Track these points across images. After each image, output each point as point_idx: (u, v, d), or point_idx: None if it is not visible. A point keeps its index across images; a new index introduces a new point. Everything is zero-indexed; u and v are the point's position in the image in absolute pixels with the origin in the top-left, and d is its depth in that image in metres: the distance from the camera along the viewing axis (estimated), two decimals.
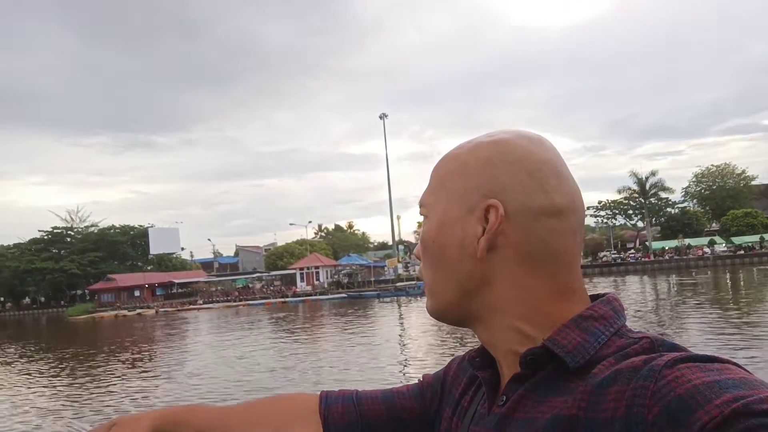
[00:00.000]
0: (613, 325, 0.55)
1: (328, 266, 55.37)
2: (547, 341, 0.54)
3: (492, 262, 0.57)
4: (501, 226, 0.56)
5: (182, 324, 34.47)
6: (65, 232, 68.96)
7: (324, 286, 51.80)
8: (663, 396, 0.43)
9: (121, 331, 33.48)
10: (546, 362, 0.54)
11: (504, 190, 0.57)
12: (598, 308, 0.56)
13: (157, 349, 22.36)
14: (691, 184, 65.51)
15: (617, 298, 0.59)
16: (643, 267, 51.26)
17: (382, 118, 63.13)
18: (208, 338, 24.65)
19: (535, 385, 0.55)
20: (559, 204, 0.57)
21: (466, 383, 0.71)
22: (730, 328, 15.34)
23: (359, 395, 0.80)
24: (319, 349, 18.23)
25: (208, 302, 50.68)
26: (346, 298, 44.80)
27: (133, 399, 12.66)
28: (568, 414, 0.50)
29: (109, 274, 60.02)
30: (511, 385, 0.57)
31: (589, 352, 0.53)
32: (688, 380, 0.43)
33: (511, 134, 0.61)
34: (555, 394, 0.53)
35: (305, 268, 54.05)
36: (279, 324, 28.77)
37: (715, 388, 0.42)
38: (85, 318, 48.29)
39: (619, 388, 0.47)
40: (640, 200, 61.17)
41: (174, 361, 18.12)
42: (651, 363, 0.47)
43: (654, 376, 0.45)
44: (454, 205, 0.60)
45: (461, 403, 0.70)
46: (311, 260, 55.22)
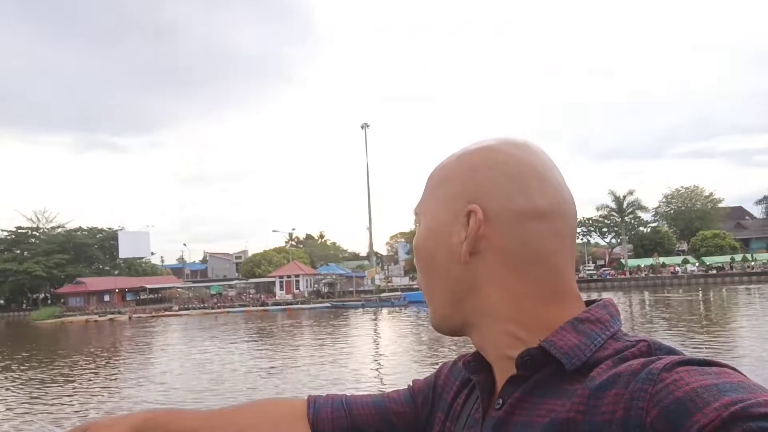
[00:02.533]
0: (609, 329, 0.56)
1: (308, 275, 54.70)
2: (544, 342, 0.54)
3: (478, 267, 0.58)
4: (482, 230, 0.57)
5: (159, 331, 33.29)
6: (30, 233, 65.99)
7: (304, 295, 51.06)
8: (661, 399, 0.43)
9: (94, 338, 32.21)
10: (542, 364, 0.54)
11: (485, 194, 0.58)
12: (594, 312, 0.56)
13: (137, 358, 21.38)
14: (660, 205, 67.78)
15: (613, 302, 0.59)
16: (620, 283, 52.38)
17: (363, 128, 63.06)
18: (189, 347, 23.68)
19: (531, 387, 0.55)
20: (542, 206, 0.57)
21: (459, 387, 0.71)
22: (712, 342, 16.18)
23: (349, 400, 0.79)
24: (312, 359, 17.85)
25: (184, 309, 49.20)
26: (330, 308, 44.23)
27: (116, 408, 12.05)
28: (566, 417, 0.50)
29: (78, 278, 57.58)
30: (508, 387, 0.57)
31: (585, 354, 0.53)
32: (686, 383, 0.43)
33: (496, 140, 0.62)
34: (552, 396, 0.53)
35: (285, 277, 53.22)
36: (264, 333, 28.20)
37: (714, 392, 0.42)
38: (53, 323, 46.15)
39: (617, 391, 0.47)
40: (615, 218, 62.82)
41: (158, 371, 17.31)
42: (649, 366, 0.47)
43: (652, 380, 0.45)
44: (441, 212, 0.61)
45: (453, 407, 0.70)
46: (291, 268, 54.45)
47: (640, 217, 63.52)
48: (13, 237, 64.83)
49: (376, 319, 33.30)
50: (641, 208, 60.61)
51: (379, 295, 47.32)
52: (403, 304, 40.22)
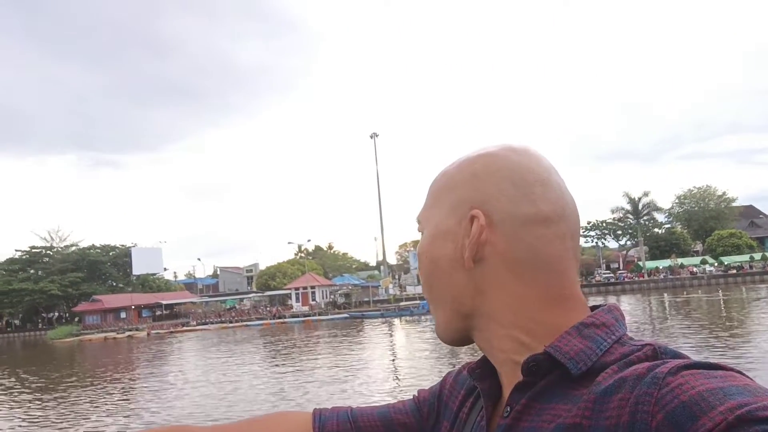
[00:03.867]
0: (614, 333, 0.56)
1: (324, 286, 54.53)
2: (549, 348, 0.54)
3: (483, 272, 0.58)
4: (486, 235, 0.57)
5: (179, 347, 33.14)
6: (44, 252, 66.22)
7: (321, 307, 50.85)
8: (667, 403, 0.43)
9: (116, 355, 31.98)
10: (548, 369, 0.54)
11: (488, 200, 0.58)
12: (600, 316, 0.56)
13: (164, 374, 21.17)
14: (674, 205, 67.35)
15: (618, 307, 0.59)
16: (639, 286, 51.92)
17: (372, 138, 63.23)
18: (212, 362, 23.44)
19: (538, 393, 0.55)
20: (546, 211, 0.57)
21: (464, 395, 0.70)
22: (737, 342, 15.62)
23: (354, 412, 0.78)
24: (340, 370, 17.61)
25: (201, 324, 49.07)
26: (348, 318, 44.02)
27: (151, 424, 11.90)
28: (572, 422, 0.50)
29: (94, 295, 57.61)
30: (515, 395, 0.57)
31: (591, 359, 0.53)
32: (692, 387, 0.43)
33: (497, 147, 0.62)
34: (558, 402, 0.53)
35: (301, 288, 53.06)
36: (286, 345, 27.90)
37: (719, 395, 0.42)
38: (71, 341, 46.06)
39: (623, 395, 0.47)
40: (630, 220, 62.43)
41: (187, 387, 16.99)
42: (655, 370, 0.47)
43: (658, 384, 0.45)
44: (444, 219, 0.61)
45: (459, 415, 0.69)
46: (307, 280, 54.27)
47: (655, 219, 63.16)
48: (27, 257, 65.14)
49: (396, 328, 33.04)
50: (657, 209, 60.34)
51: (397, 304, 47.08)
52: (422, 312, 39.95)
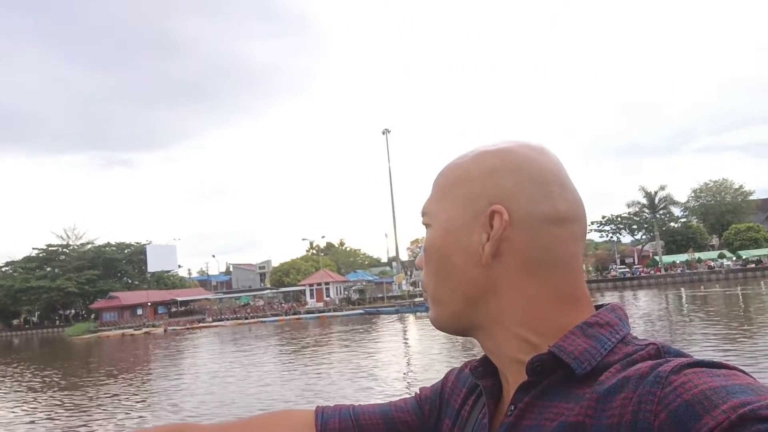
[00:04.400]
0: (618, 332, 0.55)
1: (338, 282, 54.59)
2: (554, 348, 0.54)
3: (497, 269, 0.57)
4: (505, 232, 0.56)
5: (196, 343, 33.28)
6: (61, 250, 66.88)
7: (335, 303, 50.94)
8: (670, 402, 0.43)
9: (134, 351, 32.22)
10: (552, 369, 0.54)
11: (508, 196, 0.57)
12: (603, 315, 0.56)
13: (189, 369, 21.25)
14: (689, 199, 66.63)
15: (621, 306, 0.59)
16: (656, 281, 51.44)
17: (384, 134, 63.06)
18: (231, 357, 23.46)
19: (541, 392, 0.55)
20: (563, 211, 0.57)
21: (466, 393, 0.70)
22: (755, 339, 15.36)
23: (356, 410, 0.79)
24: (364, 365, 17.53)
25: (217, 320, 49.35)
26: (363, 314, 44.04)
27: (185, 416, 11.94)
28: (574, 421, 0.50)
29: (111, 292, 58.12)
30: (519, 394, 0.57)
31: (596, 358, 0.53)
32: (694, 385, 0.43)
33: (514, 143, 0.61)
34: (561, 400, 0.53)
35: (315, 285, 53.17)
36: (302, 341, 27.94)
37: (722, 394, 0.42)
38: (88, 338, 46.50)
39: (625, 394, 0.47)
40: (645, 215, 61.83)
41: (207, 382, 17.01)
42: (657, 369, 0.47)
43: (661, 382, 0.45)
44: (458, 213, 0.60)
45: (461, 413, 0.69)
46: (321, 276, 54.36)
47: (671, 213, 62.51)
48: (44, 255, 65.83)
49: (411, 323, 33.03)
50: (673, 203, 59.69)
51: (412, 300, 47.05)
52: None
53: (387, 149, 63.10)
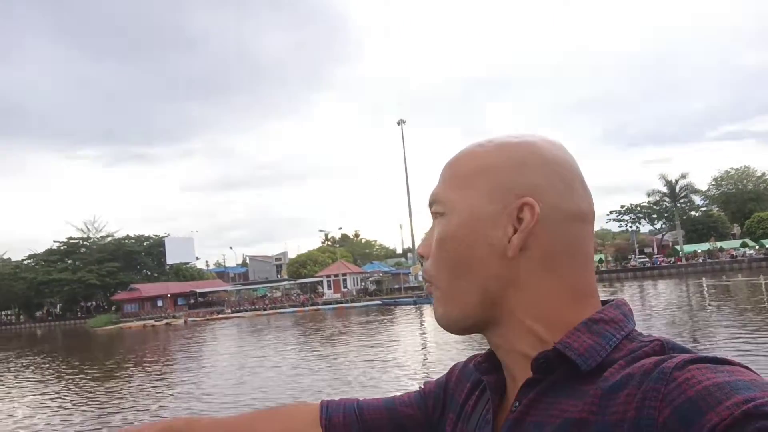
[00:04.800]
0: (623, 329, 0.55)
1: (355, 273, 54.73)
2: (558, 344, 0.54)
3: (519, 263, 0.57)
4: (534, 226, 0.56)
5: (218, 334, 33.61)
6: (81, 243, 67.85)
7: (353, 294, 51.14)
8: (674, 398, 0.43)
9: (157, 342, 32.67)
10: (557, 366, 0.54)
11: (537, 190, 0.57)
12: (608, 312, 0.56)
13: (215, 359, 21.49)
14: (710, 188, 65.64)
15: (626, 302, 0.59)
16: (677, 270, 50.75)
17: (399, 125, 62.79)
18: (252, 348, 23.66)
19: (546, 388, 0.55)
20: (584, 209, 0.58)
21: (470, 388, 0.70)
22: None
23: (360, 404, 0.79)
24: (381, 355, 17.57)
25: (236, 311, 49.84)
26: (381, 305, 44.15)
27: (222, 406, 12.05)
28: (578, 417, 0.50)
29: (132, 284, 58.93)
30: (524, 390, 0.57)
31: (601, 355, 0.53)
32: (698, 382, 0.43)
33: (537, 137, 0.61)
34: (566, 397, 0.53)
35: (332, 276, 53.39)
36: (322, 331, 28.06)
37: (726, 390, 0.42)
38: (111, 329, 47.24)
39: (629, 391, 0.47)
40: (665, 203, 61.05)
41: (234, 373, 17.13)
42: (661, 365, 0.47)
43: (665, 379, 0.45)
44: (483, 203, 0.58)
45: (465, 408, 0.69)
46: (338, 267, 54.55)
47: (692, 201, 61.66)
48: (65, 248, 66.83)
49: (428, 314, 32.96)
50: (695, 191, 58.82)
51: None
52: None
53: (402, 140, 62.79)
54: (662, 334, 0.52)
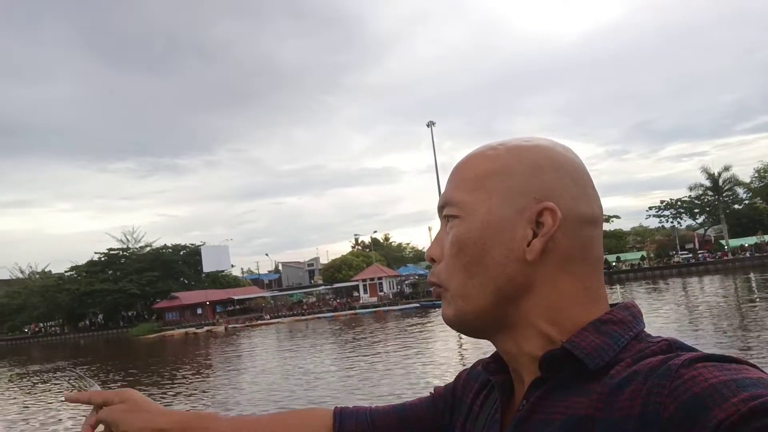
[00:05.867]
0: (632, 329, 0.56)
1: (390, 277, 54.58)
2: (566, 343, 0.54)
3: (536, 267, 0.57)
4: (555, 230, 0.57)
5: (260, 339, 33.81)
6: (121, 253, 69.38)
7: (389, 297, 50.97)
8: (679, 395, 0.43)
9: (201, 348, 33.03)
10: (565, 365, 0.54)
11: (554, 194, 0.57)
12: (617, 313, 0.57)
13: (262, 364, 21.56)
14: (753, 180, 63.38)
15: (635, 304, 0.59)
16: (724, 266, 48.92)
17: (429, 126, 62.48)
18: (294, 352, 23.78)
19: (553, 387, 0.55)
20: (597, 213, 0.59)
21: (478, 389, 0.71)
22: None
23: (372, 412, 0.81)
24: (426, 356, 17.37)
25: (275, 317, 50.19)
26: (419, 308, 43.91)
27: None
28: (584, 414, 0.50)
29: (172, 293, 59.93)
30: (532, 389, 0.57)
31: (609, 354, 0.53)
32: (705, 379, 0.43)
33: (549, 141, 0.62)
34: (573, 395, 0.53)
35: (368, 279, 53.33)
36: (362, 335, 27.94)
37: (732, 387, 0.41)
38: (154, 337, 48.06)
39: (635, 387, 0.47)
40: (708, 198, 59.13)
41: (296, 377, 17.15)
42: (668, 362, 0.47)
43: (671, 375, 0.45)
44: (499, 206, 0.58)
45: (473, 408, 0.70)
46: (374, 271, 54.48)
47: (736, 194, 59.54)
48: (106, 259, 68.40)
49: None
50: (738, 183, 56.82)
51: None
52: None
53: (432, 141, 62.41)
54: (713, 330, 0.51)
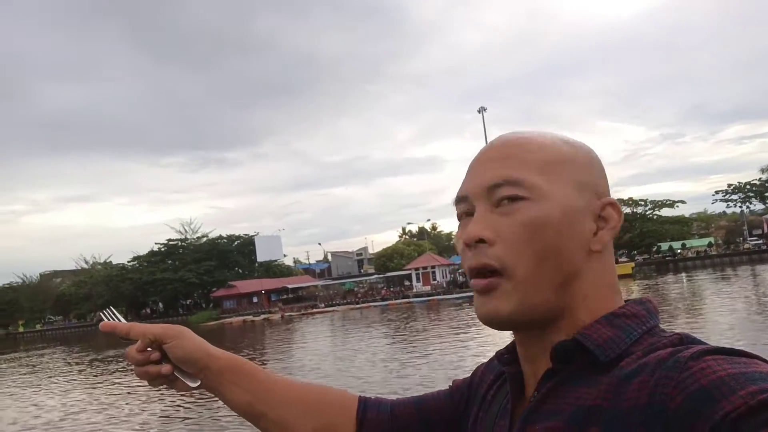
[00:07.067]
0: (645, 324, 0.56)
1: (444, 266, 54.12)
2: (578, 335, 0.55)
3: (591, 258, 0.59)
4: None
5: (319, 326, 34.23)
6: (179, 244, 71.67)
7: (443, 286, 50.60)
8: (687, 386, 0.43)
9: (261, 335, 33.64)
10: (576, 356, 0.55)
11: (603, 190, 0.62)
12: (630, 307, 0.58)
13: (331, 349, 21.71)
14: None
15: (651, 299, 0.60)
16: None
17: (480, 112, 61.37)
18: (355, 337, 23.85)
19: (564, 378, 0.56)
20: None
21: (492, 380, 0.73)
22: None
23: (393, 403, 0.83)
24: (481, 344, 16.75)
25: (329, 305, 50.72)
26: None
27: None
28: (592, 404, 0.51)
29: (229, 282, 61.50)
30: (543, 380, 0.58)
31: (620, 347, 0.54)
32: (713, 371, 0.43)
33: (578, 140, 0.65)
34: (583, 386, 0.54)
35: (421, 268, 53.07)
36: (420, 322, 27.72)
37: (741, 380, 0.41)
38: (213, 324, 49.40)
39: (643, 378, 0.48)
40: None
41: (373, 362, 17.18)
42: (677, 355, 0.47)
43: (679, 367, 0.45)
44: (574, 195, 0.59)
45: (486, 398, 0.72)
46: (427, 260, 54.16)
47: None
48: (165, 249, 70.83)
49: None
50: None
51: None
52: None
53: (484, 128, 61.26)
54: None
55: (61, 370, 25.45)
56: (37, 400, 17.07)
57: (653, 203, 59.35)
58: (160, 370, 0.76)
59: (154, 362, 0.77)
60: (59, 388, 19.24)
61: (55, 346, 44.51)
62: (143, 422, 12.28)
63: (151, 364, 0.76)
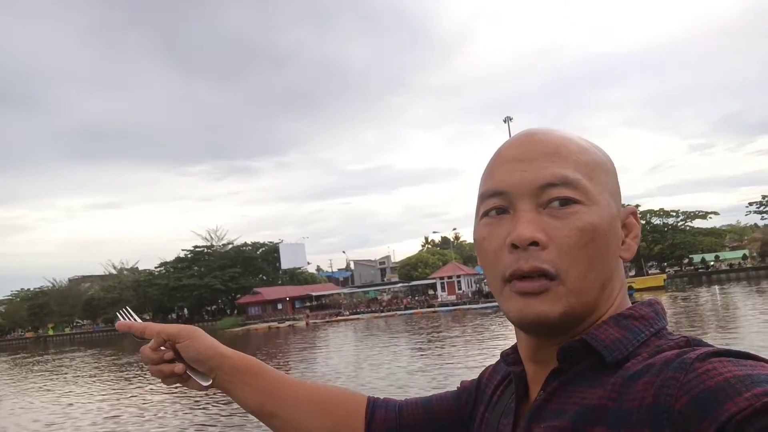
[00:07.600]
0: (653, 326, 0.56)
1: (469, 275, 53.66)
2: (586, 336, 0.55)
3: (619, 263, 0.61)
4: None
5: (343, 334, 34.13)
6: (205, 250, 72.52)
7: (468, 295, 50.12)
8: (692, 387, 0.43)
9: (287, 342, 33.58)
10: (583, 356, 0.55)
11: (620, 197, 0.63)
12: (639, 309, 0.58)
13: (359, 357, 21.52)
14: None
15: (659, 301, 0.60)
16: None
17: (506, 122, 61.05)
18: (383, 346, 23.65)
19: (570, 378, 0.56)
20: None
21: (499, 381, 0.74)
22: None
23: (401, 404, 0.83)
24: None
25: (353, 313, 50.66)
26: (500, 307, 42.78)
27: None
28: (597, 404, 0.51)
29: (254, 288, 61.93)
30: (549, 379, 0.58)
31: (627, 348, 0.54)
32: (719, 373, 0.43)
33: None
34: (588, 386, 0.54)
35: (446, 277, 52.70)
36: (448, 332, 27.37)
37: (747, 382, 0.41)
38: (239, 330, 49.71)
39: (648, 379, 0.48)
40: None
41: (395, 370, 16.97)
42: (683, 356, 0.47)
43: (684, 368, 0.45)
44: (611, 202, 0.60)
45: (492, 398, 0.73)
46: (452, 269, 53.75)
47: None
48: (191, 255, 71.73)
49: None
50: None
51: None
52: None
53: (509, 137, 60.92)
54: None
55: (93, 373, 25.82)
56: (74, 400, 17.31)
57: (685, 214, 58.24)
58: (173, 368, 0.79)
59: (167, 361, 0.80)
60: (96, 389, 19.49)
61: (85, 349, 45.24)
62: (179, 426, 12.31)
63: (165, 363, 0.80)
